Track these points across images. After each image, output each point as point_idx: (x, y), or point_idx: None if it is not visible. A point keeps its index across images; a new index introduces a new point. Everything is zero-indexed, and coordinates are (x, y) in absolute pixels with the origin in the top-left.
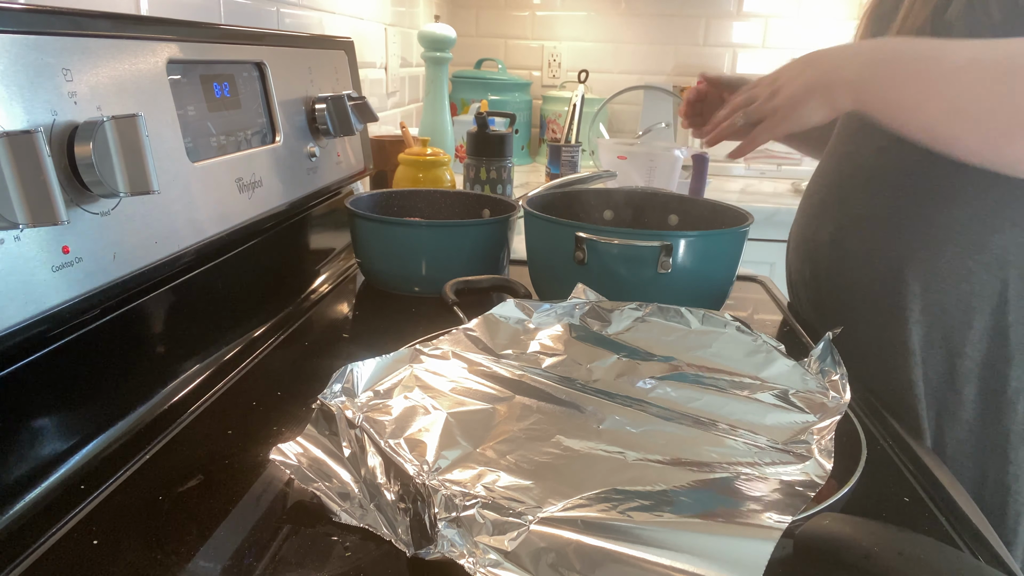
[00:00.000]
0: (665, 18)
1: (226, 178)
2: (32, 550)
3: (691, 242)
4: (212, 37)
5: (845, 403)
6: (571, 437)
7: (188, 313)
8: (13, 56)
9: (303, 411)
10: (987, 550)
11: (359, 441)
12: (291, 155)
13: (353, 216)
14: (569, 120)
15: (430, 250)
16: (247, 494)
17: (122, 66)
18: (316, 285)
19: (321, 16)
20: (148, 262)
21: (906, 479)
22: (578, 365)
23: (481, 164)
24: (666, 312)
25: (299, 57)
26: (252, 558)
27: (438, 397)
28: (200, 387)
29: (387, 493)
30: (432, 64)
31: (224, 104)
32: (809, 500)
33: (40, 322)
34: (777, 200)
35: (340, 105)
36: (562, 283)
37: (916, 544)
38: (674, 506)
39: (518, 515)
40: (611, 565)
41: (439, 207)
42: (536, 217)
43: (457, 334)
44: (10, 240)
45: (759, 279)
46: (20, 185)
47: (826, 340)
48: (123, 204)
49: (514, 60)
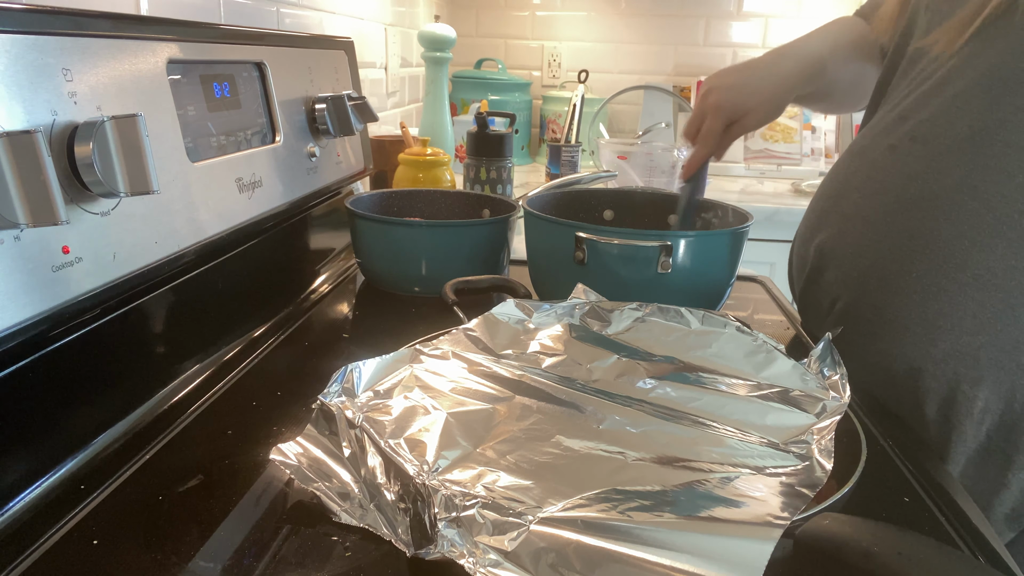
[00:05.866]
0: (665, 18)
1: (226, 178)
2: (32, 550)
3: (691, 242)
4: (212, 37)
5: (845, 403)
6: (571, 437)
7: (188, 313)
8: (13, 56)
9: (303, 411)
10: (987, 550)
11: (359, 441)
12: (291, 155)
13: (353, 216)
14: (569, 120)
15: (430, 250)
16: (247, 494)
17: (122, 66)
18: (316, 285)
19: (321, 16)
20: (148, 262)
21: (906, 479)
22: (578, 365)
23: (481, 164)
24: (666, 312)
25: (299, 57)
26: (252, 558)
27: (438, 397)
28: (200, 387)
29: (387, 493)
30: (432, 64)
31: (224, 104)
32: (809, 500)
33: (40, 322)
34: (777, 200)
35: (340, 105)
36: (562, 283)
37: (916, 544)
38: (674, 506)
39: (518, 515)
40: (611, 565)
41: (439, 207)
42: (536, 217)
43: (457, 334)
44: (10, 240)
45: (759, 279)
46: (20, 185)
47: (826, 340)
48: (123, 204)
49: (514, 60)
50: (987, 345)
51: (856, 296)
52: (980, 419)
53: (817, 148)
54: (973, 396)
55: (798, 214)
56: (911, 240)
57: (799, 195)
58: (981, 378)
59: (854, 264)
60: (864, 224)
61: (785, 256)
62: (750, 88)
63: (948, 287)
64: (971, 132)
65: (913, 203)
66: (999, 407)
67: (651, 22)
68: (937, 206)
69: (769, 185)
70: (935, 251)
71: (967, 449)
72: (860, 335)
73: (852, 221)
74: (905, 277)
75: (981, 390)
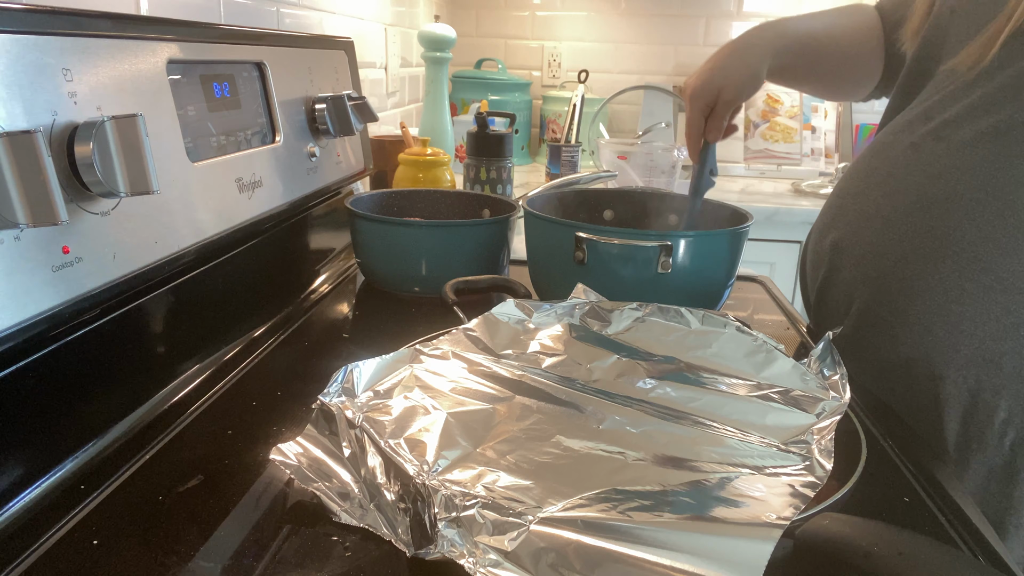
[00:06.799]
0: (665, 18)
1: (226, 178)
2: (32, 550)
3: (691, 242)
4: (212, 37)
5: (845, 403)
6: (571, 437)
7: (188, 313)
8: (13, 56)
9: (303, 411)
10: (987, 550)
11: (359, 441)
12: (291, 155)
13: (353, 216)
14: (569, 120)
15: (430, 250)
16: (247, 494)
17: (122, 66)
18: (316, 285)
19: (321, 16)
20: (148, 262)
21: (906, 479)
22: (578, 365)
23: (481, 164)
24: (666, 312)
25: (299, 57)
26: (252, 558)
27: (438, 397)
28: (200, 387)
29: (387, 493)
30: (432, 64)
31: (224, 104)
32: (809, 500)
33: (40, 322)
34: (777, 200)
35: (340, 105)
36: (562, 283)
37: (916, 544)
38: (674, 506)
39: (518, 515)
40: (611, 565)
41: (439, 207)
42: (536, 217)
43: (457, 334)
44: (10, 240)
45: (759, 279)
46: (20, 185)
47: (826, 340)
48: (123, 204)
49: (514, 60)
50: (1010, 352)
51: (876, 297)
52: (1002, 431)
53: (817, 148)
54: (995, 406)
55: (798, 214)
56: (933, 240)
57: (799, 195)
58: (1003, 387)
59: (873, 264)
60: (884, 223)
61: (785, 256)
62: (717, 69)
63: (971, 290)
64: (996, 132)
65: (935, 203)
66: (1022, 419)
67: (651, 22)
68: (960, 206)
69: (769, 185)
70: (958, 252)
71: (989, 462)
72: (879, 337)
73: (872, 220)
74: (927, 278)
75: (1003, 399)
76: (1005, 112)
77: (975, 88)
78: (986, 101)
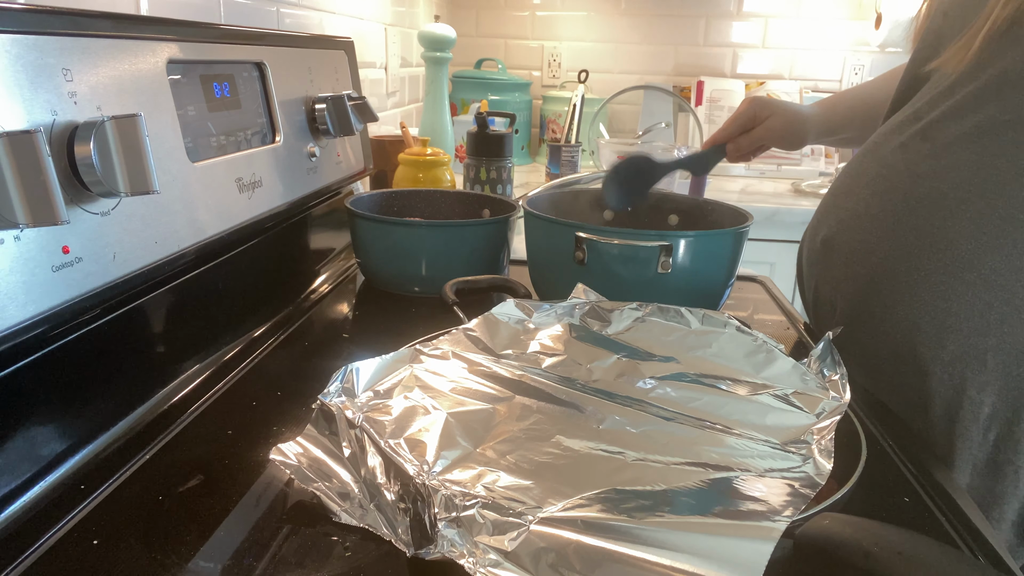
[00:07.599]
0: (665, 18)
1: (226, 178)
2: (32, 550)
3: (691, 242)
4: (212, 37)
5: (845, 403)
6: (571, 437)
7: (188, 313)
8: (13, 56)
9: (303, 411)
10: (987, 550)
11: (359, 441)
12: (291, 155)
13: (353, 216)
14: (569, 120)
15: (430, 250)
16: (247, 494)
17: (122, 66)
18: (316, 285)
19: (321, 16)
20: (148, 262)
21: (906, 479)
22: (578, 365)
23: (481, 164)
24: (666, 312)
25: (299, 57)
26: (252, 558)
27: (438, 397)
28: (200, 387)
29: (387, 493)
30: (432, 64)
31: (224, 104)
32: (809, 500)
33: (40, 322)
34: (777, 200)
35: (340, 105)
36: (562, 283)
37: (916, 544)
38: (674, 506)
39: (518, 515)
40: (611, 565)
41: (439, 207)
42: (536, 217)
43: (457, 334)
44: (10, 240)
45: (759, 279)
46: (20, 185)
47: (826, 340)
48: (123, 204)
49: (514, 60)
50: (994, 348)
51: (865, 294)
52: (987, 426)
53: (817, 148)
54: (980, 401)
55: (798, 214)
56: (919, 238)
57: (799, 195)
58: (988, 383)
59: (861, 261)
60: (872, 221)
61: (785, 256)
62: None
63: (956, 287)
64: (979, 132)
65: (921, 201)
66: (1006, 414)
67: (651, 22)
68: (944, 205)
69: (769, 185)
70: (942, 250)
71: (973, 457)
72: (867, 333)
73: (860, 218)
74: (913, 275)
75: (988, 395)
76: (987, 112)
77: (959, 89)
78: (969, 101)
